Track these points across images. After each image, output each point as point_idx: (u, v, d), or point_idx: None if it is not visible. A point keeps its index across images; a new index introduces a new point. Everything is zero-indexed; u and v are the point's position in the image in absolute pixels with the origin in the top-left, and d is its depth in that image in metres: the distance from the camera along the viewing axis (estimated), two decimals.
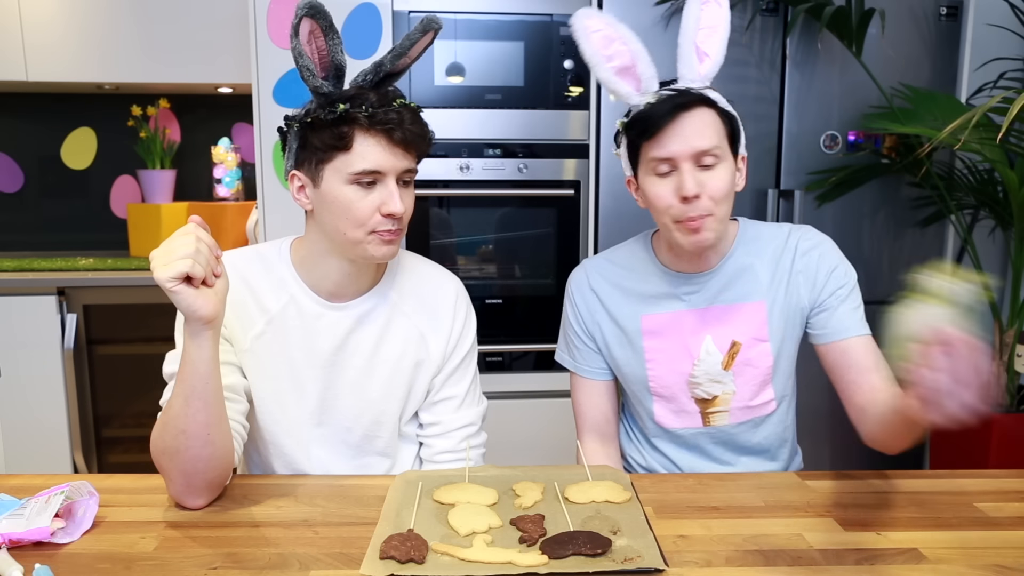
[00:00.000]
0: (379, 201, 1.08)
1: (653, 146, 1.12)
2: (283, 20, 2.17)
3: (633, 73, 1.15)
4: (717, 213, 1.13)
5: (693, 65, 1.15)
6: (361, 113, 1.05)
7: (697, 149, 1.10)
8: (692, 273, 1.25)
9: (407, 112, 1.08)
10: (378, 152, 1.07)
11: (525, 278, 2.35)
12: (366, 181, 1.07)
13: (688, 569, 0.86)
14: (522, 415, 2.30)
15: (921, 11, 2.32)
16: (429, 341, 1.22)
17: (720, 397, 1.26)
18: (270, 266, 1.19)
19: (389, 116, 1.06)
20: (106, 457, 2.50)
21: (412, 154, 1.10)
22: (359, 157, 1.06)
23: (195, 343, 0.97)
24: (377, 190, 1.08)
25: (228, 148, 2.78)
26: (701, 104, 1.12)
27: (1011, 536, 0.95)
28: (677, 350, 1.25)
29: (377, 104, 1.06)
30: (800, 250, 1.25)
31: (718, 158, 1.12)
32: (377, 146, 1.06)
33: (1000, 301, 2.70)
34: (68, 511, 0.96)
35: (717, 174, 1.12)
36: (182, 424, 0.98)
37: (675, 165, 1.12)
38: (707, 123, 1.11)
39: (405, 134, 1.07)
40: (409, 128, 1.07)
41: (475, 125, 2.25)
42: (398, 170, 1.09)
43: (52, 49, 2.52)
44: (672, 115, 1.10)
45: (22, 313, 2.36)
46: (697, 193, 1.11)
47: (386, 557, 0.85)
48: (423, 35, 1.13)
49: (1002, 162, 2.12)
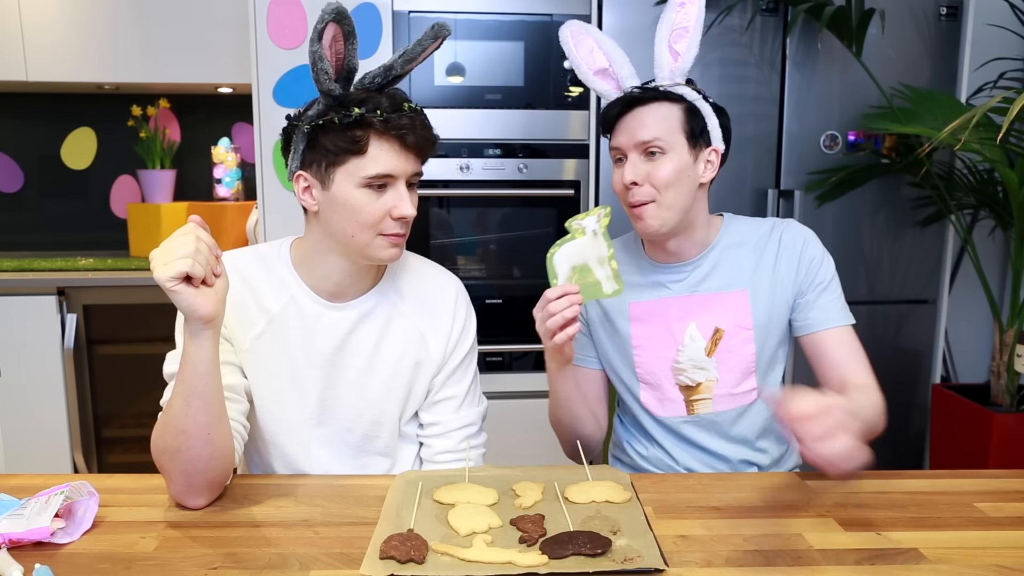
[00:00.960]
0: (390, 204, 1.09)
1: (612, 137, 1.26)
2: (283, 20, 2.17)
3: (610, 74, 1.28)
4: (660, 200, 1.21)
5: (665, 64, 1.25)
6: (376, 118, 1.06)
7: (638, 140, 1.21)
8: (675, 263, 1.30)
9: (418, 117, 1.09)
10: (392, 156, 1.07)
11: (525, 278, 2.35)
12: (378, 184, 1.08)
13: (688, 569, 0.86)
14: (522, 415, 2.30)
15: (921, 11, 2.32)
16: (429, 341, 1.22)
17: (703, 384, 1.29)
18: (270, 266, 1.19)
19: (402, 121, 1.07)
20: (106, 457, 2.50)
21: (421, 158, 1.11)
22: (372, 161, 1.07)
23: (195, 343, 0.97)
24: (388, 193, 1.09)
25: (228, 148, 2.78)
26: (657, 99, 1.22)
27: (1011, 536, 0.95)
28: (662, 336, 1.30)
29: (390, 109, 1.07)
30: (784, 242, 1.29)
31: (663, 149, 1.21)
32: (391, 151, 1.07)
33: (1000, 301, 2.70)
34: (68, 511, 0.96)
35: (660, 163, 1.21)
36: (182, 424, 0.98)
37: (624, 155, 1.24)
38: (658, 117, 1.21)
39: (417, 139, 1.08)
40: (420, 133, 1.09)
41: (475, 125, 2.25)
42: (408, 174, 1.10)
43: (52, 49, 2.52)
44: (624, 109, 1.23)
45: (22, 313, 2.36)
46: (634, 180, 1.21)
47: (386, 557, 0.85)
48: (435, 41, 1.12)
49: (1002, 162, 2.12)
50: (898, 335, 2.44)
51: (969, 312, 2.76)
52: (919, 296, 2.43)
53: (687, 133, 1.22)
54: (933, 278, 2.43)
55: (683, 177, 1.21)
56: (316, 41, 1.05)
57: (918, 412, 2.48)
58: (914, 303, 2.43)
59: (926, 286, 2.43)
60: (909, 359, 2.45)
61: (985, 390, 2.35)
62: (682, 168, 1.21)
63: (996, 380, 2.29)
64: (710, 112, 1.25)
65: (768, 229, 1.31)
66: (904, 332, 2.44)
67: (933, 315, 2.45)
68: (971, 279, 2.64)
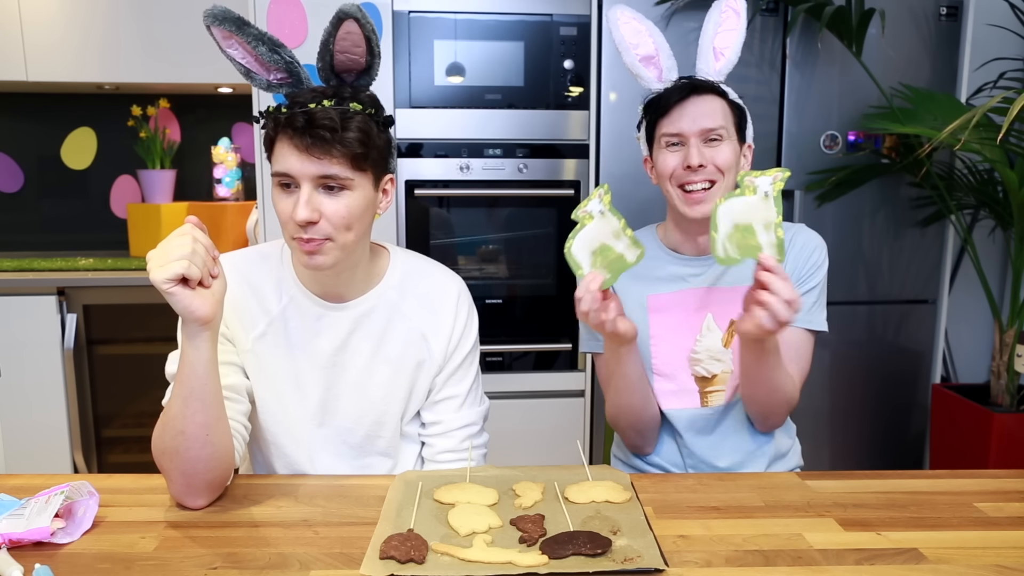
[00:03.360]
0: (291, 207, 1.04)
1: (666, 123, 1.28)
2: (283, 20, 2.17)
3: (655, 62, 1.32)
4: (720, 182, 1.26)
5: (709, 62, 1.31)
6: (279, 114, 1.04)
7: (703, 127, 1.25)
8: (696, 256, 1.34)
9: (333, 114, 1.01)
10: (290, 157, 1.03)
11: (525, 278, 2.35)
12: (284, 183, 1.06)
13: (688, 569, 0.86)
14: (522, 415, 2.30)
15: (921, 11, 2.32)
16: (430, 340, 1.22)
17: (719, 376, 1.31)
18: (271, 266, 1.19)
19: (297, 120, 1.01)
20: (106, 457, 2.50)
21: (334, 159, 1.02)
22: (276, 159, 1.06)
23: (192, 344, 0.97)
24: (294, 195, 1.05)
25: (228, 148, 2.78)
26: (711, 92, 1.27)
27: (1011, 536, 0.95)
28: (680, 325, 1.33)
29: (301, 106, 1.02)
30: (797, 243, 1.33)
31: (723, 137, 1.26)
32: (289, 151, 1.03)
33: (1000, 301, 2.70)
34: (68, 511, 0.96)
35: (722, 148, 1.26)
36: (181, 425, 0.98)
37: (684, 140, 1.26)
38: (715, 107, 1.26)
39: (314, 138, 1.00)
40: (323, 132, 1.00)
41: (475, 125, 2.25)
42: (311, 175, 1.03)
43: (52, 49, 2.52)
44: (685, 97, 1.26)
45: (22, 313, 2.36)
46: (701, 163, 1.24)
47: (386, 557, 0.85)
48: (336, 24, 1.04)
49: (1002, 162, 2.12)
50: (898, 335, 2.44)
51: (969, 312, 2.76)
52: (919, 296, 2.43)
53: (736, 126, 1.29)
54: (933, 278, 2.43)
55: (736, 164, 1.28)
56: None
57: (918, 412, 2.48)
58: (914, 303, 2.43)
59: (926, 286, 2.43)
60: (909, 359, 2.45)
61: (985, 390, 2.35)
62: (737, 154, 1.28)
63: (996, 380, 2.29)
64: (746, 112, 1.32)
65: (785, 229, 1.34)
66: (904, 332, 2.44)
67: (933, 315, 2.44)
68: (971, 279, 2.64)
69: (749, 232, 1.08)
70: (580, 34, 2.23)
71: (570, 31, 2.23)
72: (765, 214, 1.08)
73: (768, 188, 1.08)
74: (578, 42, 2.23)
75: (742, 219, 1.08)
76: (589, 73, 2.25)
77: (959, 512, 1.02)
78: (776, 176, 1.08)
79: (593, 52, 2.24)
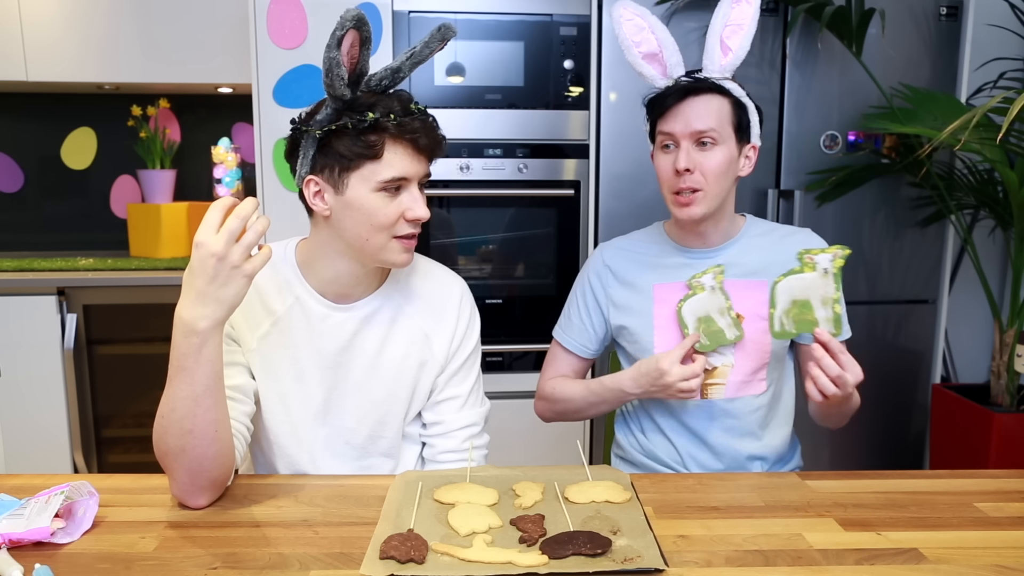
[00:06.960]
0: (405, 206, 1.10)
1: (662, 123, 1.28)
2: (283, 20, 2.17)
3: (659, 59, 1.30)
4: (708, 189, 1.25)
5: (716, 58, 1.28)
6: (390, 122, 1.06)
7: (693, 129, 1.24)
8: (701, 248, 1.35)
9: (428, 119, 1.11)
10: (406, 160, 1.08)
11: (525, 278, 2.35)
12: (393, 188, 1.09)
13: (688, 569, 0.86)
14: (522, 415, 2.30)
15: (921, 11, 2.32)
16: (433, 341, 1.22)
17: (720, 369, 1.31)
18: (276, 267, 1.19)
19: (415, 124, 1.08)
20: (106, 457, 2.50)
21: (431, 159, 1.13)
22: (388, 166, 1.07)
23: (213, 342, 0.97)
24: (402, 196, 1.10)
25: (228, 148, 2.77)
26: (711, 91, 1.25)
27: (1011, 536, 0.95)
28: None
29: (401, 112, 1.08)
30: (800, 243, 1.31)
31: (715, 141, 1.24)
32: (405, 154, 1.08)
33: (1000, 301, 2.70)
34: (68, 511, 0.96)
35: (713, 153, 1.25)
36: (189, 424, 0.97)
37: (676, 142, 1.26)
38: (711, 108, 1.24)
39: (430, 141, 1.10)
40: (432, 135, 1.10)
41: (475, 125, 2.25)
42: (420, 175, 1.11)
43: (52, 49, 2.52)
44: (680, 97, 1.25)
45: (22, 313, 2.36)
46: (688, 167, 1.23)
47: (386, 557, 0.85)
48: (441, 43, 1.12)
49: (1002, 162, 2.12)
50: (898, 335, 2.44)
51: (969, 312, 2.76)
52: (919, 296, 2.43)
53: (735, 127, 1.26)
54: (933, 278, 2.43)
55: (729, 169, 1.27)
56: (334, 48, 1.02)
57: (918, 412, 2.48)
58: (914, 303, 2.43)
59: (926, 286, 2.43)
60: (909, 359, 2.45)
61: (985, 390, 2.35)
62: (730, 160, 1.26)
63: (996, 380, 2.29)
64: (753, 109, 1.29)
65: (789, 231, 1.37)
66: (904, 332, 2.44)
67: (933, 315, 2.45)
68: (971, 279, 2.64)
69: (807, 307, 1.14)
70: (580, 34, 2.23)
71: (570, 31, 2.23)
72: (824, 290, 1.13)
73: (828, 265, 1.13)
74: (578, 42, 2.23)
75: (800, 295, 1.14)
76: (589, 73, 2.25)
77: (959, 512, 1.02)
78: (836, 253, 1.13)
79: (593, 52, 2.25)
